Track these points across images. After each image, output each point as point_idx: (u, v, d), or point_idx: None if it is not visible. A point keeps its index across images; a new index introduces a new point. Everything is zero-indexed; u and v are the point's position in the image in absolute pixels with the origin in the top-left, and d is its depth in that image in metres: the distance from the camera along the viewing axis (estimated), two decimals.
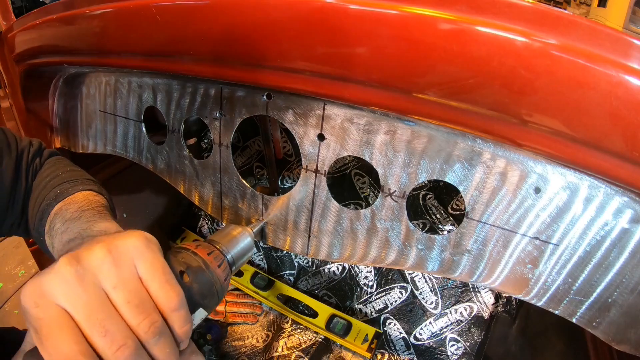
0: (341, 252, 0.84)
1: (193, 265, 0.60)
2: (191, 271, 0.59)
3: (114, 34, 0.88)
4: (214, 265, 0.63)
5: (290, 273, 1.88)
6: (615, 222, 0.61)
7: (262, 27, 0.66)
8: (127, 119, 1.08)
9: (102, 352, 0.45)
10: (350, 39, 0.60)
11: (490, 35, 0.52)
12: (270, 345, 1.66)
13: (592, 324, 0.67)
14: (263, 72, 0.71)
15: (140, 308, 0.48)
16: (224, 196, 0.95)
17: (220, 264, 0.65)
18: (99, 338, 0.45)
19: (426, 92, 0.58)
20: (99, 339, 0.45)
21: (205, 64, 0.77)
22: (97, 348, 0.45)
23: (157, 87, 0.97)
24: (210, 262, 0.63)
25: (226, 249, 0.71)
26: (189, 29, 0.74)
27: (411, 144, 0.70)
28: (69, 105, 1.26)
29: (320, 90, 0.68)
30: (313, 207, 0.82)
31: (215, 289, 0.62)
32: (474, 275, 0.73)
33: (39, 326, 0.45)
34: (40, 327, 0.45)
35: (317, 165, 0.78)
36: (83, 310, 0.46)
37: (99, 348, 0.45)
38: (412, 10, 0.55)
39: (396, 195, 0.74)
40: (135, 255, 0.50)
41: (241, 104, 0.83)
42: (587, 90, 0.49)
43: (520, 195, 0.65)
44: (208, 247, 0.66)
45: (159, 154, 1.04)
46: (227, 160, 0.90)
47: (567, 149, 0.55)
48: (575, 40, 0.50)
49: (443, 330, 1.60)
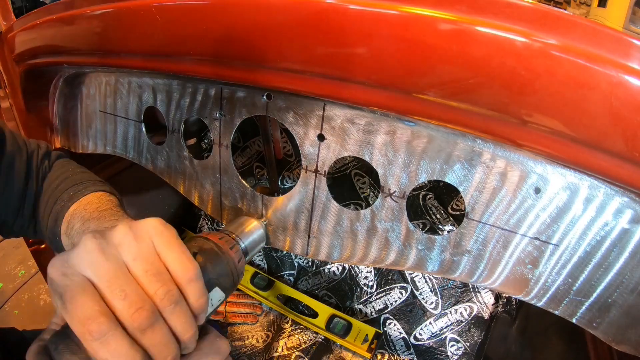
0: (341, 252, 0.84)
1: (205, 247, 0.63)
2: (204, 252, 0.62)
3: (114, 34, 0.88)
4: (226, 247, 0.66)
5: (290, 273, 1.88)
6: (615, 222, 0.61)
7: (262, 27, 0.66)
8: (127, 119, 1.08)
9: (121, 313, 0.49)
10: (351, 39, 0.60)
11: (491, 36, 0.52)
12: (271, 345, 1.66)
13: (592, 324, 0.67)
14: (263, 73, 0.71)
15: (157, 277, 0.52)
16: (224, 196, 0.95)
17: (232, 247, 0.67)
18: (119, 301, 0.49)
19: (426, 92, 0.58)
20: (119, 302, 0.49)
21: (206, 64, 0.77)
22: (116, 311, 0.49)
23: (157, 87, 0.97)
24: (222, 245, 0.65)
25: (238, 237, 0.72)
26: (189, 29, 0.74)
27: (411, 144, 0.70)
28: (69, 105, 1.27)
29: (320, 91, 0.68)
30: (313, 207, 0.82)
31: (229, 268, 0.64)
32: (474, 275, 0.73)
33: (63, 292, 0.49)
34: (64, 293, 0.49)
35: (317, 166, 0.78)
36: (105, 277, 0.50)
37: (117, 310, 0.49)
38: (412, 11, 0.55)
39: (396, 196, 0.74)
40: (154, 233, 0.55)
41: (241, 104, 0.83)
42: (587, 91, 0.49)
43: (520, 196, 0.65)
44: (219, 234, 0.68)
45: (159, 154, 1.04)
46: (227, 161, 0.91)
47: (567, 149, 0.55)
48: (576, 41, 0.50)
49: (443, 331, 1.61)
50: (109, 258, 0.51)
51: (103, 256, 0.51)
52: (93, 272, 0.50)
